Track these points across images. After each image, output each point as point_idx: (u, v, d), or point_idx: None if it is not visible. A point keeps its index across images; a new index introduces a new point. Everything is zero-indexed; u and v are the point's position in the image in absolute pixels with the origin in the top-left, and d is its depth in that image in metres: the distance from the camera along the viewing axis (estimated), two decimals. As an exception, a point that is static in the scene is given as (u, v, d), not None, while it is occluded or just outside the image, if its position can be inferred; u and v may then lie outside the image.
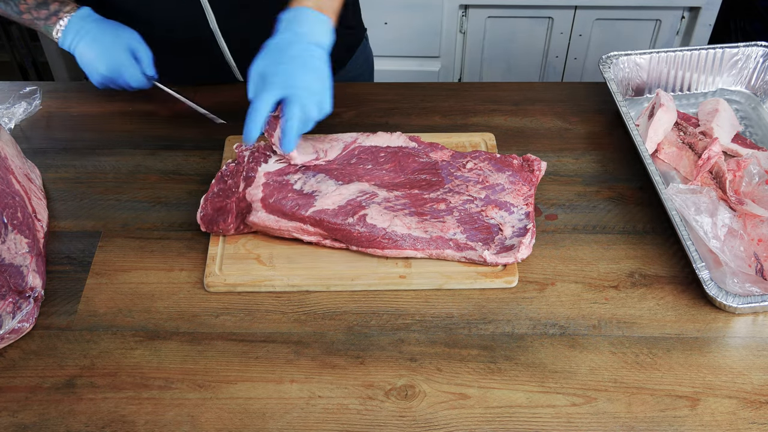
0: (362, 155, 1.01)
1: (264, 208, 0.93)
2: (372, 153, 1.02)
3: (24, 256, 0.88)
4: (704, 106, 1.14)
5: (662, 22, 2.04)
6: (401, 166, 1.01)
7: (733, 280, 0.88)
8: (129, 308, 0.89)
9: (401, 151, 1.03)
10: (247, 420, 0.78)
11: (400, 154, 1.02)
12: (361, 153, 1.02)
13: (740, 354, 0.84)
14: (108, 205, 1.02)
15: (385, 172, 1.00)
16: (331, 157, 1.01)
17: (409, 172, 1.01)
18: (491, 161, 1.02)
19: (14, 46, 2.39)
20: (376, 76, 1.47)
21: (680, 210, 0.94)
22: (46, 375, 0.82)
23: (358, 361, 0.83)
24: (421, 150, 1.03)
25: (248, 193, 0.95)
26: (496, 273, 0.91)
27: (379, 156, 1.02)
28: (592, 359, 0.83)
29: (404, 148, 1.03)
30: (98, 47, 1.04)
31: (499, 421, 0.78)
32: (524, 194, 0.98)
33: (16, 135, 1.13)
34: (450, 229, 0.93)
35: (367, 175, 0.99)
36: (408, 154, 1.02)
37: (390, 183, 0.99)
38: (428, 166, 1.01)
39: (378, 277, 0.91)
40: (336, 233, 0.92)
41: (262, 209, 0.93)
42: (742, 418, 0.78)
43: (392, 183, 0.99)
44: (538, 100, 1.20)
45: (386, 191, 0.97)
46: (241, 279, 0.91)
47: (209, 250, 0.94)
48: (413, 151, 1.03)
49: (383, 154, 1.02)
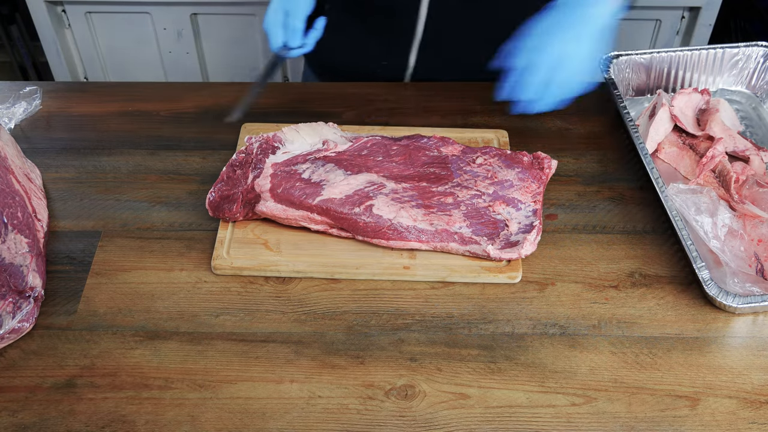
0: (374, 147, 1.02)
1: (273, 197, 0.95)
2: (384, 146, 1.03)
3: (24, 255, 0.89)
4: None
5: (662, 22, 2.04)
6: (411, 159, 1.02)
7: (734, 280, 0.88)
8: (129, 308, 0.89)
9: (412, 144, 1.04)
10: (247, 420, 0.78)
11: (411, 148, 1.03)
12: (373, 145, 1.03)
13: (740, 354, 0.84)
14: (108, 205, 1.02)
15: (394, 164, 1.01)
16: (341, 149, 1.02)
17: (418, 165, 1.01)
18: (501, 158, 1.02)
19: (14, 46, 2.39)
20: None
21: (680, 210, 0.94)
22: (46, 375, 0.82)
23: (358, 361, 0.83)
24: (432, 144, 1.04)
25: (257, 183, 0.96)
26: (500, 268, 0.91)
27: (391, 148, 1.03)
28: (592, 359, 0.83)
29: (415, 141, 1.04)
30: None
31: (499, 421, 0.78)
32: (533, 191, 0.98)
33: (16, 135, 1.13)
34: (456, 223, 0.94)
35: (376, 166, 1.00)
36: (419, 147, 1.03)
37: (399, 175, 1.00)
38: (438, 160, 1.02)
39: (382, 267, 0.92)
40: (342, 222, 0.93)
41: (271, 199, 0.94)
42: (742, 418, 0.78)
43: (401, 175, 1.00)
44: (538, 100, 1.20)
45: (394, 183, 0.98)
46: (248, 263, 0.92)
47: (218, 234, 0.95)
48: (424, 145, 1.04)
49: (395, 147, 1.03)
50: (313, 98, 1.20)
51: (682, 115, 1.08)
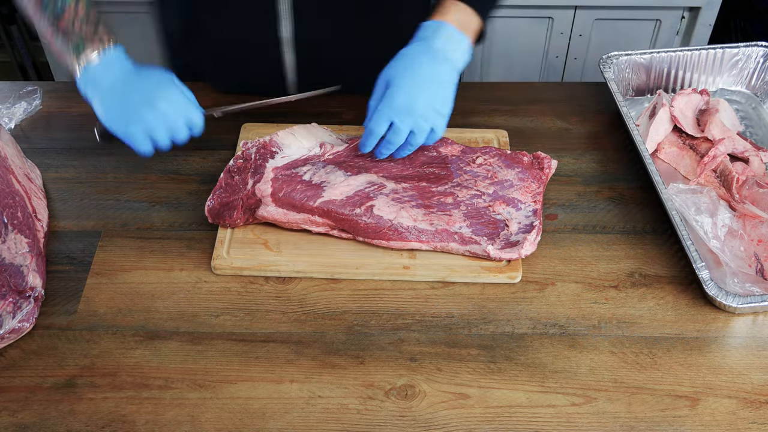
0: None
1: (274, 202, 0.94)
2: None
3: (24, 255, 0.89)
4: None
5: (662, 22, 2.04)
6: (411, 159, 1.02)
7: (733, 280, 0.88)
8: (129, 308, 0.89)
9: None
10: (247, 420, 0.78)
11: None
12: None
13: (740, 354, 0.84)
14: (108, 205, 1.02)
15: (393, 165, 1.01)
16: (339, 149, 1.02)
17: (418, 165, 1.01)
18: (501, 157, 1.02)
19: (14, 46, 2.39)
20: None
21: (680, 210, 0.94)
22: (46, 375, 0.82)
23: (358, 361, 0.83)
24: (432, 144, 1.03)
25: (257, 188, 0.96)
26: (500, 268, 0.91)
27: None
28: (592, 359, 0.83)
29: None
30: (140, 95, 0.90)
31: (499, 421, 0.78)
32: (533, 191, 0.98)
33: (16, 135, 1.13)
34: (456, 223, 0.94)
35: (376, 167, 1.00)
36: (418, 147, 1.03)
37: (398, 175, 1.00)
38: (437, 160, 1.02)
39: (382, 266, 0.92)
40: (343, 223, 0.93)
41: (272, 203, 0.94)
42: (742, 418, 0.78)
43: (401, 175, 1.00)
44: (538, 100, 1.20)
45: (394, 183, 0.98)
46: (247, 263, 0.92)
47: (218, 234, 0.95)
48: (423, 145, 1.03)
49: None
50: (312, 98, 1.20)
51: (682, 116, 1.08)
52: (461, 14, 0.94)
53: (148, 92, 0.88)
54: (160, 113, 0.88)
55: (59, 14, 0.87)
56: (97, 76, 0.87)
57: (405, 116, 0.91)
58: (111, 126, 0.89)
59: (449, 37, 0.92)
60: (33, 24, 0.91)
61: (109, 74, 0.87)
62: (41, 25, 0.90)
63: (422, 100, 0.90)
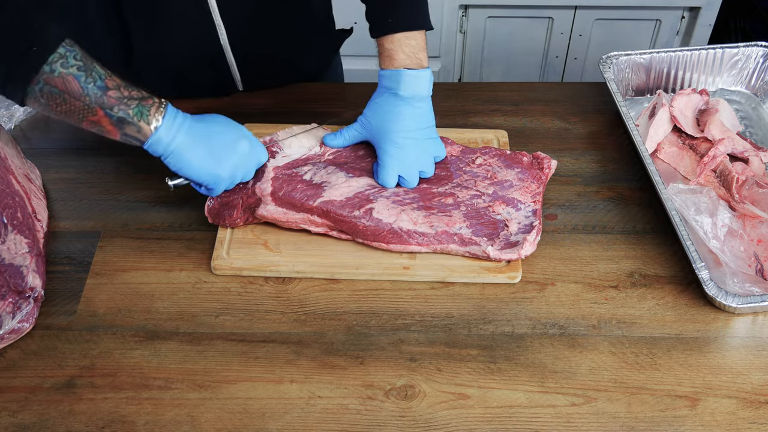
0: (370, 147, 1.02)
1: (274, 201, 0.95)
2: None
3: (24, 256, 0.88)
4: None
5: (662, 22, 2.04)
6: None
7: (733, 280, 0.88)
8: (129, 308, 0.89)
9: None
10: (247, 420, 0.78)
11: None
12: (369, 146, 1.02)
13: (740, 354, 0.84)
14: (108, 205, 1.02)
15: None
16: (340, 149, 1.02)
17: None
18: (501, 158, 1.02)
19: (14, 47, 2.39)
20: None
21: (680, 210, 0.94)
22: (46, 375, 0.82)
23: (357, 361, 0.84)
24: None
25: (258, 187, 0.96)
26: (499, 268, 0.91)
27: None
28: (592, 359, 0.83)
29: None
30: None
31: (499, 421, 0.78)
32: (532, 191, 0.98)
33: (16, 135, 1.13)
34: (456, 224, 0.94)
35: None
36: None
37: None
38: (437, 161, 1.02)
39: (382, 267, 0.92)
40: (342, 225, 0.93)
41: (272, 202, 0.94)
42: (742, 418, 0.78)
43: None
44: (538, 100, 1.20)
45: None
46: (247, 263, 0.92)
47: (218, 234, 0.95)
48: None
49: None
50: (312, 98, 1.20)
51: (681, 116, 1.08)
52: (408, 47, 0.94)
53: (225, 136, 0.90)
54: (239, 155, 0.91)
55: (103, 87, 0.81)
56: (170, 132, 0.85)
57: (410, 166, 0.97)
58: (198, 174, 0.89)
59: (410, 80, 0.94)
60: (83, 126, 0.84)
61: (183, 128, 0.86)
62: (90, 113, 0.83)
63: (416, 149, 0.97)
